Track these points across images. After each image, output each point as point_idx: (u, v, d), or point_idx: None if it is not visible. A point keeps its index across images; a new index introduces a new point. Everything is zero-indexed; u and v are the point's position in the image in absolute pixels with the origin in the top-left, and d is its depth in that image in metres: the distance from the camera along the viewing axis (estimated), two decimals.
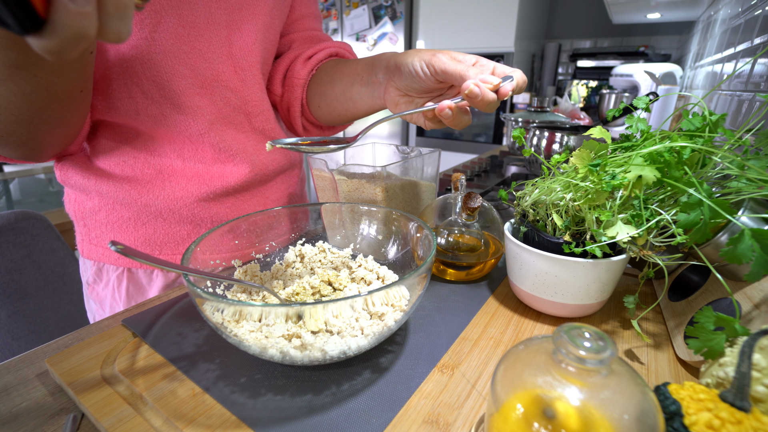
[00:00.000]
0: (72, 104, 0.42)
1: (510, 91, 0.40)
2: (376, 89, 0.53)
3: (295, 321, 0.33)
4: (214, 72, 0.54)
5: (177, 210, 0.55)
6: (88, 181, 0.54)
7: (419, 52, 0.45)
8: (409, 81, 0.46)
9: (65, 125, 0.45)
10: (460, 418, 0.31)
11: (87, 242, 0.58)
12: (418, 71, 0.44)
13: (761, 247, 0.29)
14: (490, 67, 0.42)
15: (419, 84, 0.45)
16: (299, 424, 0.30)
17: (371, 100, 0.55)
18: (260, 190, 0.62)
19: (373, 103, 0.55)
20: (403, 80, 0.47)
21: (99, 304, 0.61)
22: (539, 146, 0.97)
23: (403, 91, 0.49)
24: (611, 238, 0.35)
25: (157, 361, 0.36)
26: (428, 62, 0.43)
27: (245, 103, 0.58)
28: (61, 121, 0.43)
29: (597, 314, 0.44)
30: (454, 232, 0.51)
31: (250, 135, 0.60)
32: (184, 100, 0.52)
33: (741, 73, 0.78)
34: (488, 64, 0.43)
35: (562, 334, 0.21)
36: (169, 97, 0.51)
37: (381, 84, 0.51)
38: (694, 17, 1.91)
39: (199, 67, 0.52)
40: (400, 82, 0.47)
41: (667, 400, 0.24)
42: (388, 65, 0.49)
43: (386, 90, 0.50)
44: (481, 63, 0.43)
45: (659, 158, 0.35)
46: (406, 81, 0.46)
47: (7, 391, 0.35)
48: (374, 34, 2.71)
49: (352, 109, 0.60)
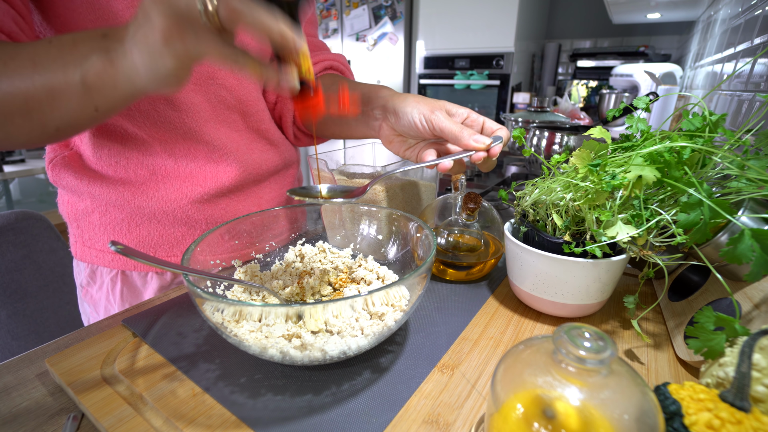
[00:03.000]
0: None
1: (498, 152, 0.45)
2: (371, 122, 0.55)
3: (295, 321, 0.33)
4: (210, 69, 0.53)
5: (171, 212, 0.55)
6: (80, 183, 0.53)
7: (417, 103, 0.48)
8: (407, 129, 0.49)
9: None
10: (460, 418, 0.31)
11: (80, 244, 0.58)
12: (417, 125, 0.47)
13: (761, 247, 0.29)
14: (479, 123, 0.48)
15: (416, 133, 0.49)
16: (299, 424, 0.30)
17: (366, 130, 0.57)
18: (254, 191, 0.62)
19: (366, 133, 0.58)
20: (401, 126, 0.50)
21: (93, 306, 0.60)
22: (539, 146, 0.97)
23: (397, 132, 0.52)
24: (611, 238, 0.35)
25: (157, 361, 0.36)
26: (427, 118, 0.46)
27: (240, 102, 0.58)
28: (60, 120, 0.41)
29: (597, 314, 0.44)
30: (454, 232, 0.51)
31: (244, 134, 0.60)
32: (178, 96, 0.52)
33: (741, 73, 0.78)
34: (478, 119, 0.48)
35: (562, 334, 0.21)
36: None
37: (377, 119, 0.54)
38: (694, 17, 1.91)
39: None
40: (397, 126, 0.50)
41: (667, 400, 0.24)
42: (386, 107, 0.51)
43: (381, 126, 0.53)
44: (471, 118, 0.48)
45: (659, 158, 0.35)
46: (403, 128, 0.50)
47: (7, 391, 0.35)
48: (374, 34, 2.71)
49: (346, 132, 0.63)
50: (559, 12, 2.79)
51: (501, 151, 0.46)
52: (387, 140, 0.53)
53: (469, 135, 0.44)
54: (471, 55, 2.53)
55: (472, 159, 0.45)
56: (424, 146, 0.50)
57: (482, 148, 0.44)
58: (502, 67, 2.45)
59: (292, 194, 0.42)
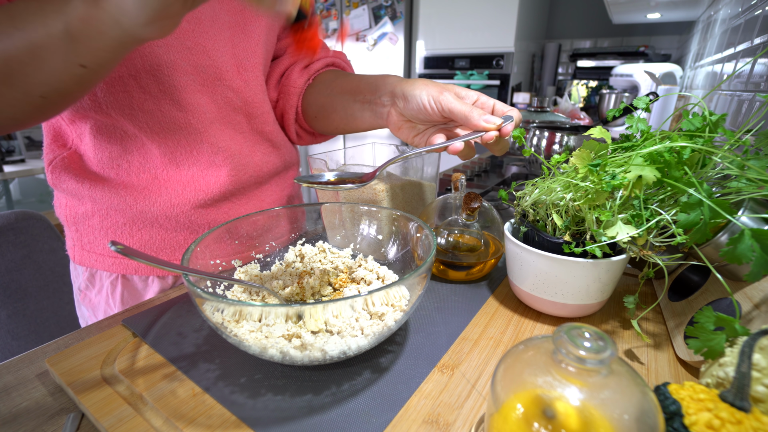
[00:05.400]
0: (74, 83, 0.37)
1: (511, 130, 0.43)
2: (378, 110, 0.54)
3: (295, 321, 0.33)
4: (218, 70, 0.53)
5: (174, 217, 0.54)
6: (81, 186, 0.52)
7: (426, 85, 0.47)
8: (415, 112, 0.48)
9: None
10: (460, 418, 0.31)
11: (79, 248, 0.57)
12: (426, 106, 0.46)
13: (761, 247, 0.29)
14: (490, 105, 0.46)
15: (425, 116, 0.48)
16: (299, 424, 0.30)
17: (373, 119, 0.56)
18: (256, 193, 0.62)
19: (374, 122, 0.57)
20: (410, 110, 0.48)
21: (92, 310, 0.59)
22: (539, 146, 0.97)
23: (406, 117, 0.50)
24: (611, 238, 0.35)
25: (157, 361, 0.36)
26: (436, 99, 0.45)
27: (246, 104, 0.58)
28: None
29: (597, 314, 0.44)
30: (454, 232, 0.51)
31: (248, 136, 0.59)
32: (185, 97, 0.51)
33: (741, 73, 0.78)
34: (488, 101, 0.46)
35: (562, 334, 0.21)
36: (169, 93, 0.50)
37: (385, 106, 0.53)
38: (694, 17, 1.91)
39: (202, 63, 0.51)
40: (406, 110, 0.49)
41: (667, 400, 0.24)
42: (395, 92, 0.50)
43: (390, 113, 0.52)
44: (481, 101, 0.47)
45: (659, 158, 0.35)
46: (412, 111, 0.48)
47: (7, 391, 0.35)
48: (374, 34, 2.71)
49: (351, 125, 0.61)
50: (559, 12, 2.79)
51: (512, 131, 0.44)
52: (395, 127, 0.52)
53: (479, 115, 0.43)
54: (471, 55, 2.53)
55: (483, 139, 0.43)
56: (433, 131, 0.49)
57: (493, 128, 0.42)
58: (502, 67, 2.45)
59: (299, 181, 0.41)
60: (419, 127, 0.50)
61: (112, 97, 0.48)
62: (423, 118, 0.48)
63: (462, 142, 0.44)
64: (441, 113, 0.46)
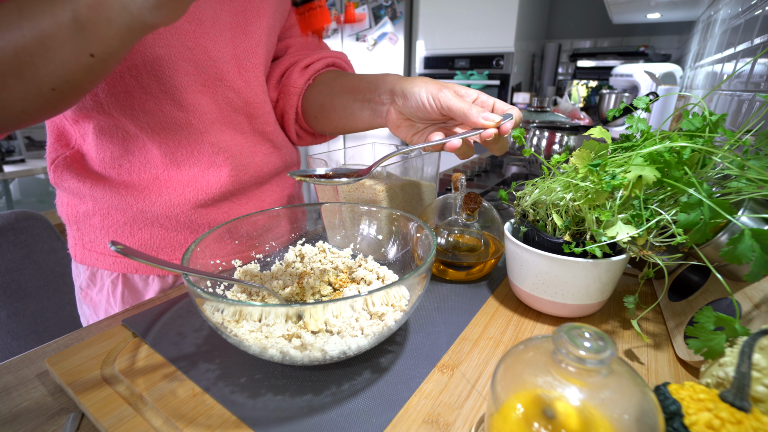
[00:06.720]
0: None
1: (510, 129, 0.43)
2: (378, 108, 0.54)
3: (295, 321, 0.33)
4: (219, 71, 0.53)
5: (174, 216, 0.55)
6: (82, 185, 0.53)
7: (425, 83, 0.47)
8: (414, 110, 0.48)
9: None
10: (460, 418, 0.31)
11: (80, 247, 0.57)
12: (425, 104, 0.46)
13: (761, 247, 0.29)
14: (490, 104, 0.45)
15: (424, 114, 0.48)
16: (299, 424, 0.30)
17: (372, 118, 0.56)
18: (256, 194, 0.62)
19: (373, 121, 0.57)
20: (409, 108, 0.48)
21: (93, 309, 0.60)
22: (539, 146, 0.97)
23: (405, 115, 0.50)
24: (611, 238, 0.35)
25: (157, 361, 0.36)
26: (435, 96, 0.45)
27: (247, 105, 0.58)
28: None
29: (597, 314, 0.44)
30: (454, 232, 0.51)
31: (248, 137, 0.59)
32: (186, 97, 0.51)
33: (741, 73, 0.78)
34: (488, 100, 0.46)
35: (562, 334, 0.21)
36: (170, 93, 0.50)
37: (384, 104, 0.53)
38: (694, 17, 1.91)
39: (204, 64, 0.52)
40: (405, 108, 0.49)
41: (667, 400, 0.24)
42: (394, 89, 0.50)
43: (389, 111, 0.52)
44: (481, 99, 0.46)
45: (659, 158, 0.35)
46: (411, 109, 0.48)
47: (7, 391, 0.35)
48: (374, 34, 2.71)
49: (351, 124, 0.61)
50: (559, 12, 2.79)
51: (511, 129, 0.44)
52: (394, 125, 0.52)
53: (478, 112, 0.42)
54: (471, 55, 2.53)
55: (482, 137, 0.43)
56: (432, 130, 0.49)
57: (492, 125, 0.42)
58: (502, 67, 2.45)
59: (293, 175, 0.41)
60: (418, 125, 0.50)
61: (113, 97, 0.48)
62: (422, 116, 0.48)
63: (460, 140, 0.44)
64: (440, 111, 0.45)
